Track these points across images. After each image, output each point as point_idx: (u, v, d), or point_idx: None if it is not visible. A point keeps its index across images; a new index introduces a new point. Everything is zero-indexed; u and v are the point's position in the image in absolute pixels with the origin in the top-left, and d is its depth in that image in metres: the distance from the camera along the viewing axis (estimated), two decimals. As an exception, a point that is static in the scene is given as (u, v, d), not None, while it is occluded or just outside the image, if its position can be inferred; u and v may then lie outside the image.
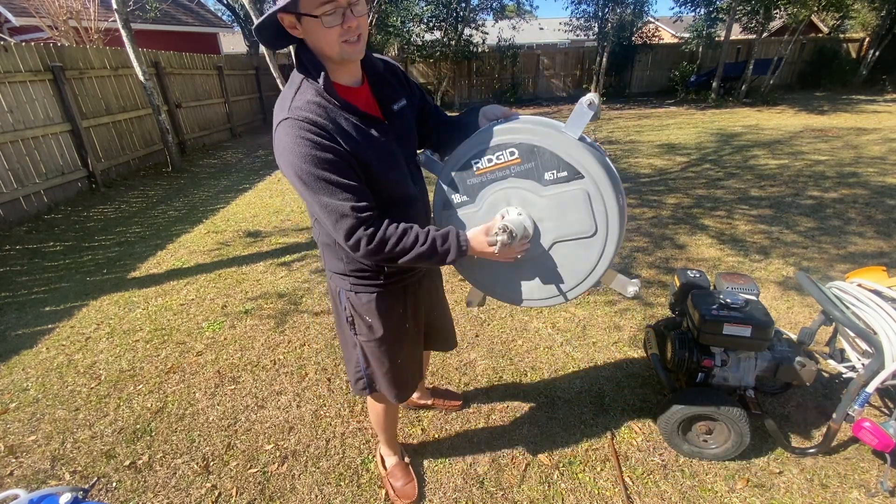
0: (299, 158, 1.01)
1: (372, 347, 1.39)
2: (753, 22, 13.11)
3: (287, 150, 1.02)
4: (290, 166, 1.03)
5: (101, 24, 8.54)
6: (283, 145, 1.03)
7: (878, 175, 5.55)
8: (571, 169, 1.13)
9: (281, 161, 1.06)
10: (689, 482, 1.75)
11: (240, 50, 19.89)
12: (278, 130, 1.04)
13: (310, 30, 1.03)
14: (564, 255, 1.19)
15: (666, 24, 20.52)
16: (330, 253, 1.32)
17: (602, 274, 1.20)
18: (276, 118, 1.07)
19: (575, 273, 1.18)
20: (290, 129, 1.01)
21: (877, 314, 1.63)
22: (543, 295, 1.22)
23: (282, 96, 1.10)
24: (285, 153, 1.03)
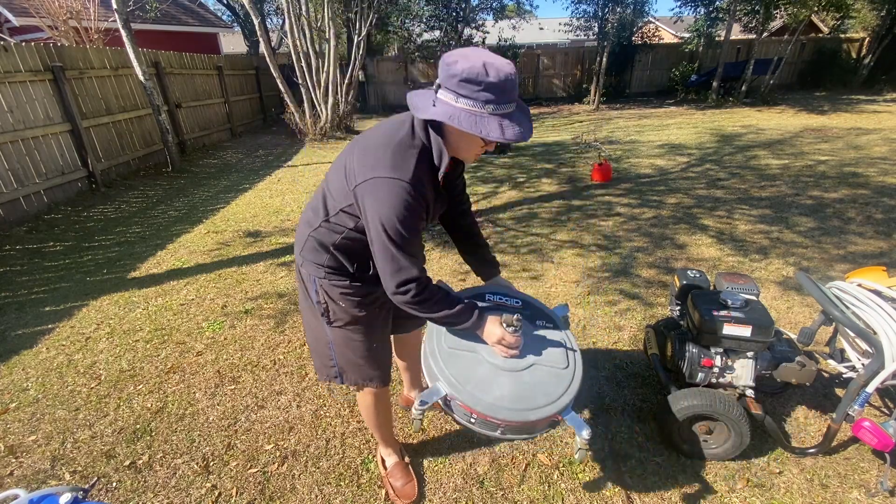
0: (394, 216, 1.11)
1: (346, 333, 1.42)
2: (753, 22, 13.11)
3: (386, 205, 1.11)
4: (381, 217, 1.11)
5: (101, 24, 8.54)
6: (385, 199, 1.11)
7: (878, 175, 5.55)
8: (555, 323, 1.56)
9: (374, 208, 1.12)
10: (689, 482, 1.75)
11: (240, 50, 19.91)
12: (385, 184, 1.10)
13: (465, 138, 1.15)
14: (539, 378, 1.35)
15: (666, 24, 20.51)
16: (315, 246, 1.35)
17: (568, 402, 1.34)
18: (383, 169, 1.11)
19: (546, 395, 1.31)
20: (399, 190, 1.10)
21: (877, 314, 1.63)
22: (513, 406, 1.28)
23: (398, 146, 1.14)
24: (384, 207, 1.11)
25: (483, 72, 1.01)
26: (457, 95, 1.05)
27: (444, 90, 1.08)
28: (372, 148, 1.17)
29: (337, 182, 1.24)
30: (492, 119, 1.05)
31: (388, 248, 1.14)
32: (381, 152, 1.14)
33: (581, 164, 6.78)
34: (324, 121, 9.63)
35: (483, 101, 1.04)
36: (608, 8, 14.07)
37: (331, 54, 9.46)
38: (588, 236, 4.10)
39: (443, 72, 1.07)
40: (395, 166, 1.11)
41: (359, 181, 1.14)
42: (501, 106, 1.06)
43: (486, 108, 1.05)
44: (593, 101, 14.54)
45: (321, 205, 1.30)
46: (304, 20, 9.05)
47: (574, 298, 3.09)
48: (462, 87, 1.04)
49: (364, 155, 1.17)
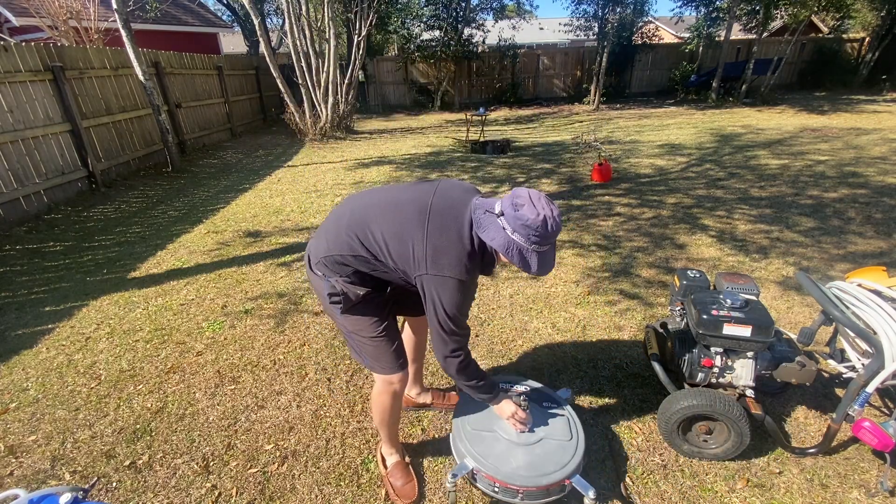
0: (455, 304, 1.37)
1: (356, 321, 1.56)
2: (753, 22, 13.11)
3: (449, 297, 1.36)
4: (444, 305, 1.36)
5: (101, 24, 8.54)
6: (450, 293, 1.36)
7: (878, 175, 5.55)
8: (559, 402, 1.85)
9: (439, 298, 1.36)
10: (689, 482, 1.75)
11: (240, 50, 19.91)
12: (451, 283, 1.35)
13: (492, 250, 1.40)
14: (548, 449, 1.63)
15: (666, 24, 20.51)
16: (343, 263, 1.49)
17: (574, 468, 1.58)
18: (450, 270, 1.35)
19: (555, 463, 1.57)
20: (461, 287, 1.36)
21: (877, 314, 1.63)
22: (527, 474, 1.54)
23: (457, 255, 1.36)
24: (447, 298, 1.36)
25: (542, 225, 1.27)
26: (513, 230, 1.30)
27: (504, 219, 1.31)
28: (445, 244, 1.36)
29: (401, 242, 1.40)
30: (533, 255, 1.32)
31: (447, 325, 1.39)
32: (452, 251, 1.36)
33: (581, 164, 6.78)
34: (324, 121, 9.64)
35: (532, 242, 1.30)
36: (608, 8, 14.08)
37: (331, 54, 9.46)
38: (588, 236, 4.10)
39: (509, 208, 1.30)
40: (461, 271, 1.35)
41: (428, 272, 1.35)
42: (543, 246, 1.32)
43: (532, 247, 1.31)
44: (593, 101, 14.55)
45: (372, 241, 1.43)
46: (304, 20, 9.05)
47: (574, 298, 3.10)
48: (521, 228, 1.29)
49: (438, 248, 1.35)
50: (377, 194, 1.55)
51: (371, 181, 6.23)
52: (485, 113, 9.06)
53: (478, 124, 9.12)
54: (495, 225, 1.33)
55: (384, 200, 1.50)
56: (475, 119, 9.12)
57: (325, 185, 6.16)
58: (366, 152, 8.34)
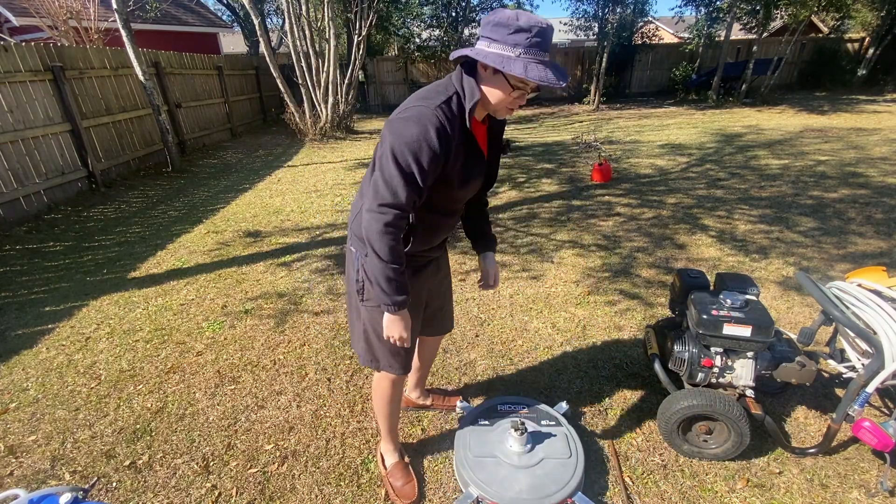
0: (409, 141, 1.12)
1: (376, 315, 1.43)
2: (753, 22, 13.10)
3: (403, 131, 1.13)
4: (396, 138, 1.13)
5: (101, 24, 8.54)
6: (402, 126, 1.13)
7: (878, 175, 5.55)
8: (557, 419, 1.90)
9: (391, 129, 1.15)
10: (689, 482, 1.75)
11: (240, 50, 19.92)
12: (412, 109, 1.14)
13: (495, 82, 1.17)
14: (549, 470, 1.66)
15: (666, 24, 20.53)
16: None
17: (576, 486, 1.62)
18: (414, 101, 1.17)
19: (556, 482, 1.60)
20: (425, 116, 1.13)
21: (877, 314, 1.63)
22: (531, 497, 1.57)
23: (428, 91, 1.20)
24: (400, 132, 1.13)
25: (514, 17, 1.07)
26: (490, 41, 1.11)
27: (480, 40, 1.14)
28: (408, 101, 1.21)
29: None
30: (518, 61, 1.08)
31: (388, 167, 1.14)
32: (417, 93, 1.21)
33: (581, 164, 6.78)
34: (324, 121, 9.64)
35: (512, 45, 1.08)
36: (608, 8, 14.08)
37: (331, 54, 9.46)
38: (588, 236, 4.10)
39: (482, 24, 1.14)
40: (426, 97, 1.16)
41: (391, 118, 1.18)
42: (531, 51, 1.08)
43: (514, 51, 1.08)
44: (593, 101, 14.55)
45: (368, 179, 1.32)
46: (304, 20, 9.05)
47: (574, 298, 3.10)
48: (494, 31, 1.09)
49: (399, 109, 1.20)
50: None
51: (371, 181, 6.22)
52: (485, 113, 9.04)
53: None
54: (471, 48, 1.17)
55: None
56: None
57: (325, 185, 6.16)
58: (366, 152, 8.33)
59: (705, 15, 14.01)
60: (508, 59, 1.09)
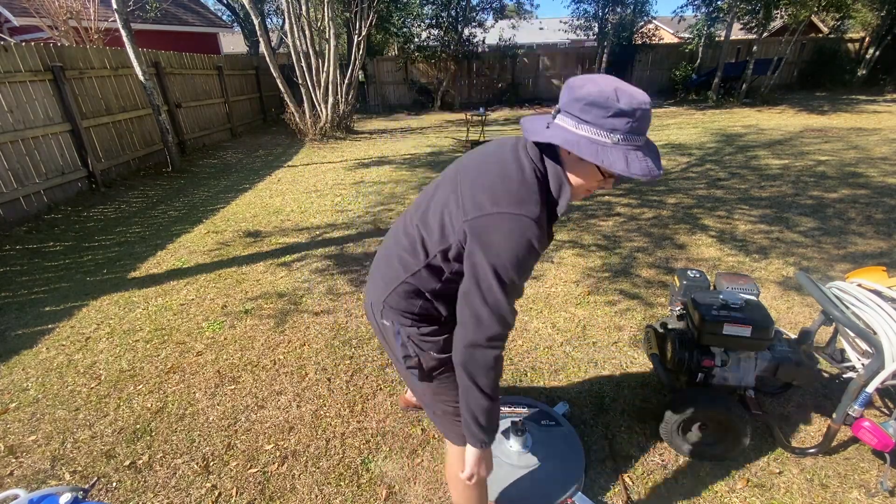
0: (512, 257, 0.98)
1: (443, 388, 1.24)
2: (754, 22, 13.10)
3: (504, 244, 0.98)
4: (495, 257, 0.98)
5: (101, 24, 8.54)
6: (504, 238, 0.98)
7: (879, 175, 5.55)
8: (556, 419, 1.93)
9: (488, 247, 0.99)
10: (689, 482, 1.75)
11: (240, 50, 19.92)
12: (509, 221, 0.98)
13: (582, 168, 1.02)
14: (549, 470, 1.69)
15: (666, 24, 20.51)
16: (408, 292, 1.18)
17: (576, 486, 1.65)
18: (507, 204, 0.99)
19: (556, 482, 1.63)
20: (523, 229, 0.98)
21: (877, 314, 1.63)
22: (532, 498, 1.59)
23: (520, 177, 1.02)
24: (502, 246, 0.98)
25: (614, 97, 0.91)
26: (578, 121, 0.95)
27: (563, 115, 0.98)
28: (487, 180, 1.03)
29: (437, 218, 1.09)
30: (616, 150, 0.93)
31: (492, 293, 0.99)
32: (500, 184, 1.01)
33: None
34: (324, 121, 9.64)
35: (609, 130, 0.93)
36: (608, 8, 14.08)
37: (331, 54, 9.46)
38: (588, 236, 4.10)
39: (566, 95, 0.97)
40: (521, 201, 0.99)
41: (472, 216, 1.00)
42: (629, 137, 0.94)
43: (612, 138, 0.93)
44: (593, 101, 14.51)
45: (419, 245, 1.13)
46: (304, 20, 9.05)
47: (574, 298, 3.09)
48: (586, 111, 0.93)
49: (478, 187, 1.03)
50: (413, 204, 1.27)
51: (371, 181, 6.23)
52: (485, 113, 9.05)
53: (478, 124, 9.12)
54: (551, 124, 1.00)
55: (416, 202, 1.24)
56: (475, 119, 9.12)
57: (325, 185, 6.16)
58: (366, 152, 8.34)
59: (705, 15, 14.01)
60: (605, 147, 0.94)
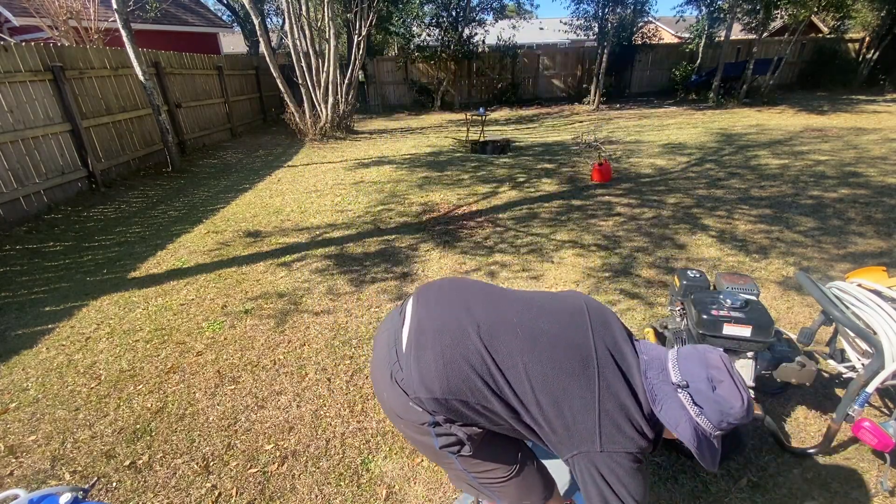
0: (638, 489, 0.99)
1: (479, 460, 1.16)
2: (754, 22, 13.11)
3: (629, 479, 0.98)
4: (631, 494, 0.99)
5: (101, 24, 8.54)
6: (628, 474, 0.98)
7: (878, 175, 5.55)
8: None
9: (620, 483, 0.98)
10: (689, 482, 1.75)
11: (240, 50, 19.92)
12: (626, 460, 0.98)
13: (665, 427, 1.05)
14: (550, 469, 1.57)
15: (666, 23, 20.53)
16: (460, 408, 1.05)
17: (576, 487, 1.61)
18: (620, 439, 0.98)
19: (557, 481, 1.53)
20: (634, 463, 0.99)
21: (877, 314, 1.63)
22: None
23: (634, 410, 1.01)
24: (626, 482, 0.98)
25: (743, 415, 0.98)
26: (700, 410, 0.98)
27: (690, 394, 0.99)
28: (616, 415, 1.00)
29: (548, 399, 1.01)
30: (714, 442, 1.01)
31: None
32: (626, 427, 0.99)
33: (581, 164, 6.78)
34: (324, 121, 9.64)
35: (717, 424, 0.99)
36: (608, 8, 14.08)
37: (331, 54, 9.46)
38: (588, 236, 4.09)
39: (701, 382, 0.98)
40: (639, 444, 0.99)
41: (601, 448, 0.97)
42: (727, 430, 1.01)
43: (715, 431, 1.00)
44: (593, 101, 14.54)
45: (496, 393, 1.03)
46: (304, 20, 9.05)
47: None
48: (714, 410, 0.98)
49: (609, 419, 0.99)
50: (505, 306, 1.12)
51: (371, 181, 6.23)
52: (485, 113, 9.06)
53: (478, 124, 9.12)
54: (675, 400, 1.00)
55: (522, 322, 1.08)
56: (475, 119, 9.12)
57: (325, 185, 6.16)
58: (366, 152, 8.34)
59: (706, 15, 14.01)
60: (706, 435, 1.00)
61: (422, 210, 4.96)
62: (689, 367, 1.01)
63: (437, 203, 5.17)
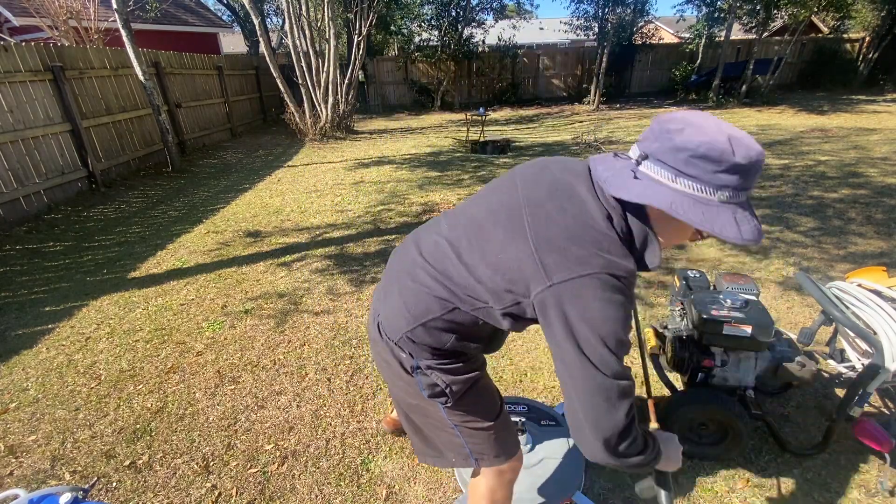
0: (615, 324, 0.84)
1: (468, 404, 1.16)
2: (754, 22, 13.11)
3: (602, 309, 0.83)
4: (598, 327, 0.84)
5: (101, 24, 8.54)
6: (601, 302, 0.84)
7: (879, 175, 5.54)
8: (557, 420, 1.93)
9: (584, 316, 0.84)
10: (689, 482, 1.75)
11: (240, 50, 19.92)
12: (590, 284, 0.84)
13: (673, 223, 0.89)
14: (549, 470, 1.69)
15: (666, 23, 20.53)
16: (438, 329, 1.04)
17: (576, 486, 1.66)
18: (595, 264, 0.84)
19: (556, 482, 1.63)
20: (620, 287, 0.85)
21: (877, 314, 1.63)
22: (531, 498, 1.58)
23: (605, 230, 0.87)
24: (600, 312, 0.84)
25: (728, 149, 0.77)
26: (677, 173, 0.81)
27: (655, 164, 0.83)
28: (568, 231, 0.87)
29: (494, 265, 0.94)
30: (724, 210, 0.80)
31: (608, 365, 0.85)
32: (579, 246, 0.86)
33: (581, 164, 6.77)
34: (324, 121, 9.64)
35: (717, 186, 0.80)
36: (608, 8, 14.08)
37: (331, 54, 9.46)
38: (588, 236, 4.09)
39: (658, 139, 0.83)
40: (605, 261, 0.85)
41: (551, 282, 0.85)
42: (738, 194, 0.81)
43: (719, 195, 0.80)
44: (593, 101, 14.55)
45: (461, 287, 0.99)
46: (304, 20, 9.05)
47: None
48: (692, 165, 0.79)
49: (559, 239, 0.87)
50: (451, 219, 1.10)
51: (371, 181, 6.23)
52: (485, 113, 9.06)
53: (478, 124, 9.12)
54: (637, 173, 0.85)
55: (463, 223, 1.05)
56: (475, 119, 9.12)
57: (325, 185, 6.16)
58: (366, 152, 8.34)
59: (706, 15, 14.01)
60: (710, 207, 0.80)
61: (422, 210, 4.96)
62: (645, 139, 0.86)
63: (438, 203, 5.17)
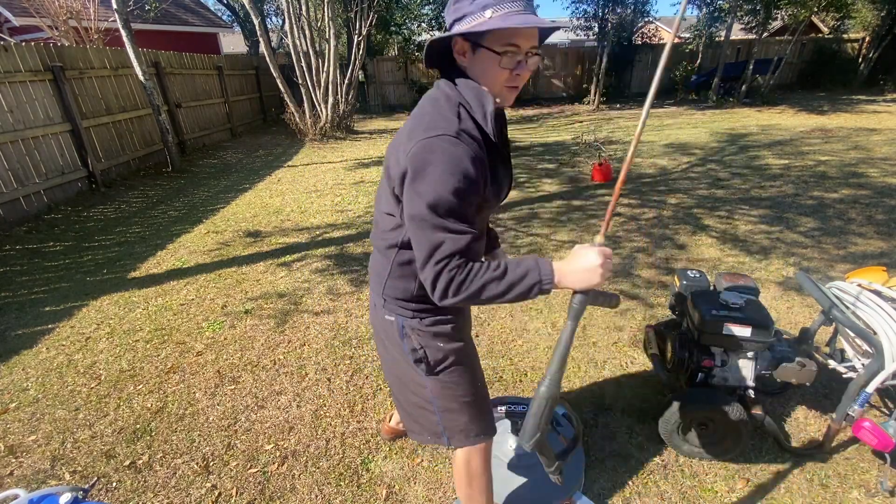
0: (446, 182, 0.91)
1: (448, 378, 1.21)
2: (754, 22, 13.10)
3: (431, 170, 0.91)
4: (424, 186, 0.92)
5: (101, 24, 8.54)
6: (429, 163, 0.92)
7: (879, 175, 5.55)
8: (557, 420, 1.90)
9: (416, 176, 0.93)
10: (689, 482, 1.75)
11: (240, 50, 19.92)
12: (427, 145, 0.92)
13: (480, 64, 0.99)
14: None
15: (666, 24, 20.51)
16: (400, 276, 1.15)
17: (576, 487, 1.66)
18: (423, 132, 0.95)
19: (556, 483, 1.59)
20: (445, 146, 0.92)
21: (877, 314, 1.63)
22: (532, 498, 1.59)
23: (432, 118, 0.97)
24: (429, 172, 0.91)
25: None
26: (457, 23, 0.96)
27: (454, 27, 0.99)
28: (409, 126, 1.01)
29: (386, 185, 1.07)
30: (493, 20, 0.92)
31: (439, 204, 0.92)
32: (417, 120, 0.99)
33: (581, 164, 6.78)
34: (324, 121, 9.64)
35: (480, 8, 0.92)
36: (608, 8, 14.07)
37: (331, 54, 9.46)
38: (588, 236, 4.09)
39: (446, 12, 1.01)
40: (434, 124, 0.94)
41: (406, 149, 0.95)
42: (503, 6, 0.91)
43: (485, 13, 0.92)
44: (593, 101, 14.54)
45: (389, 221, 1.11)
46: (304, 20, 9.05)
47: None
48: (459, 8, 0.95)
49: (404, 135, 1.01)
50: None
51: (371, 181, 6.23)
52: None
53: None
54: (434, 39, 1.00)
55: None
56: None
57: (325, 185, 6.16)
58: (366, 152, 8.34)
59: (706, 15, 14.01)
60: (489, 21, 0.92)
61: (422, 210, 4.95)
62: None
63: (437, 203, 5.17)
